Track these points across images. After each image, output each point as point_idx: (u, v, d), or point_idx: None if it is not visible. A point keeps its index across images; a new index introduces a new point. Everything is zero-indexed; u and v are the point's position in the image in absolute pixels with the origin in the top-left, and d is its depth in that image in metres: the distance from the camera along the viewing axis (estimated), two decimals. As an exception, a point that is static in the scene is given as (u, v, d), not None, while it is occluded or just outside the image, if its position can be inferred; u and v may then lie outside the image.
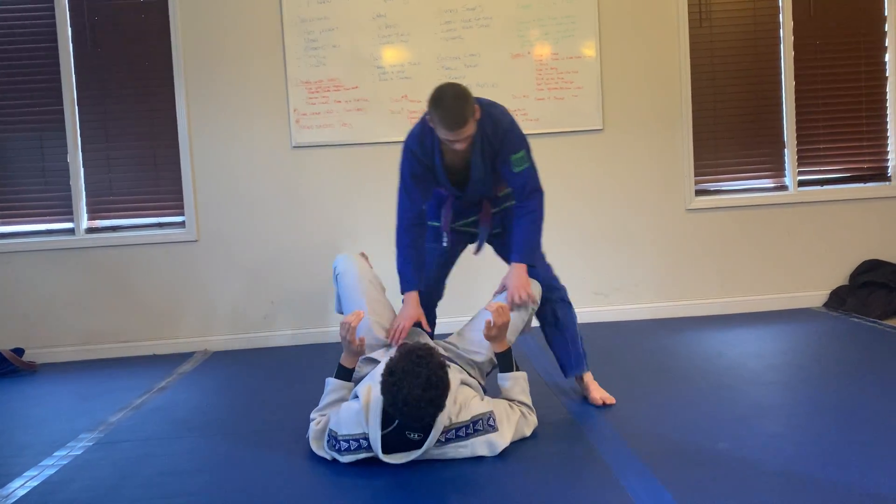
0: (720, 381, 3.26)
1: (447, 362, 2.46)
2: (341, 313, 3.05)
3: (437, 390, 2.26)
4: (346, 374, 2.69)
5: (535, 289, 2.95)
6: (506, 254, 3.10)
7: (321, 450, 2.55)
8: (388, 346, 2.81)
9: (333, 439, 2.46)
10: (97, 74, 4.61)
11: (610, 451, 2.47)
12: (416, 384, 2.23)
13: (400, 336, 2.78)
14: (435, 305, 3.25)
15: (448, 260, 3.18)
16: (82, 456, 2.76)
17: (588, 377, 3.09)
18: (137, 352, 4.62)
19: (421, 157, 2.89)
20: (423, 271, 2.99)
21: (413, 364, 2.26)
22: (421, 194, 2.94)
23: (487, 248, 3.20)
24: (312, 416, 2.69)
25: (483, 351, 2.82)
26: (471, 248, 3.19)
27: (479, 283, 3.99)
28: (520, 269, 2.90)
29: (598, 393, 3.03)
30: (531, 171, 2.91)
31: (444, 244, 3.11)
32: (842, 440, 2.46)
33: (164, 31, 4.58)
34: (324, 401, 2.69)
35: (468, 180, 2.94)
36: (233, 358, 4.38)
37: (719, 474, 2.23)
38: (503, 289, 2.90)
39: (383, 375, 2.31)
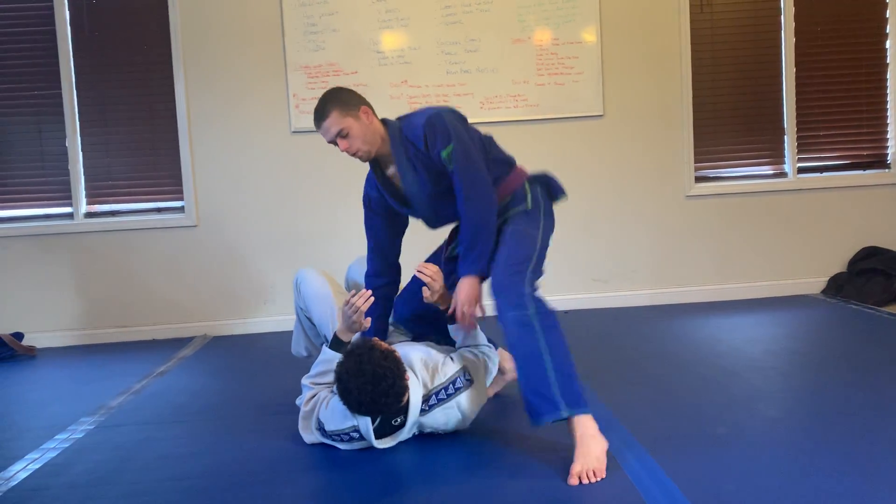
0: (719, 366, 3.27)
1: (393, 346, 2.47)
2: (298, 353, 3.11)
3: (388, 380, 2.24)
4: (340, 346, 2.64)
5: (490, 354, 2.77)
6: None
7: (307, 432, 2.56)
8: None
9: (322, 431, 2.50)
10: (95, 58, 4.58)
11: (610, 436, 2.47)
12: (363, 382, 2.22)
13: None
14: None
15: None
16: (83, 439, 2.77)
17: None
18: (137, 336, 4.62)
19: (370, 194, 2.73)
20: (380, 325, 2.77)
21: (355, 364, 2.25)
22: (378, 242, 2.76)
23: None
24: (305, 382, 2.66)
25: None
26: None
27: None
28: (467, 281, 2.47)
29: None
30: (462, 170, 2.48)
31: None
32: (839, 425, 2.47)
33: (163, 14, 4.56)
34: (316, 368, 2.66)
35: (411, 201, 2.65)
36: (232, 343, 4.39)
37: (718, 458, 2.24)
38: (453, 308, 2.52)
39: (336, 385, 2.30)
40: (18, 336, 4.42)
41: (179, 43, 4.55)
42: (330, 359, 2.66)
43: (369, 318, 2.63)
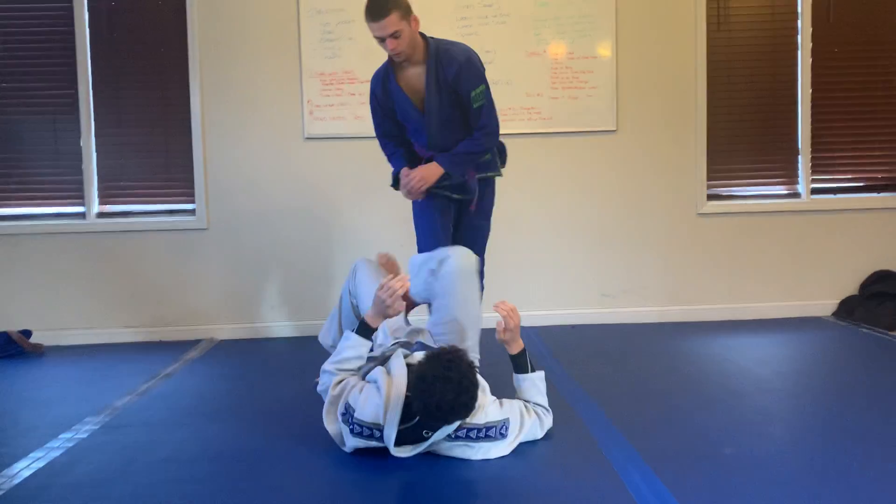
0: (726, 386, 3.24)
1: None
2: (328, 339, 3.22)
3: (469, 393, 2.25)
4: (367, 332, 2.64)
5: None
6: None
7: (331, 417, 2.51)
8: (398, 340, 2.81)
9: (349, 415, 2.43)
10: (112, 60, 4.61)
11: (615, 453, 2.46)
12: (448, 389, 2.20)
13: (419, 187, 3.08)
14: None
15: (450, 212, 3.27)
16: (88, 439, 2.77)
17: None
18: (144, 338, 4.63)
19: (379, 95, 3.08)
20: (406, 157, 3.22)
21: (444, 369, 2.23)
22: (389, 128, 3.20)
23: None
24: (327, 367, 2.63)
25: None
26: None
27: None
28: (434, 166, 3.06)
29: None
30: (487, 109, 3.04)
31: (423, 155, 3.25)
32: (847, 448, 2.45)
33: (181, 18, 4.58)
34: (340, 354, 2.62)
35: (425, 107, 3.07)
36: (239, 347, 4.39)
37: (724, 479, 2.22)
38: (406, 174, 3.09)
39: (415, 380, 2.27)
40: (27, 334, 4.43)
41: (196, 47, 4.57)
42: (354, 345, 2.61)
43: (404, 304, 2.61)
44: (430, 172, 3.08)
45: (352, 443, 2.44)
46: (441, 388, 2.20)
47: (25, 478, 2.40)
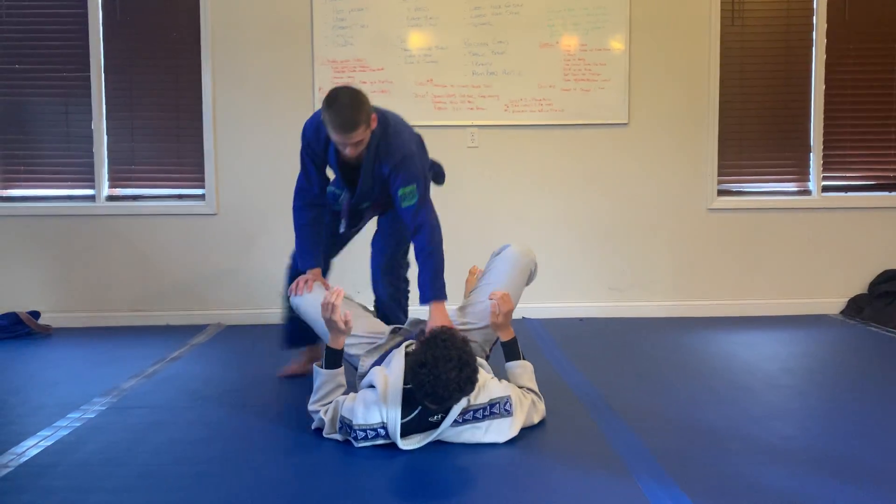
0: (734, 381, 3.24)
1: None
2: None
3: (471, 367, 2.28)
4: (335, 359, 2.57)
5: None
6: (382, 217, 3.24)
7: (334, 434, 2.51)
8: (374, 343, 2.82)
9: (347, 427, 2.43)
10: (125, 43, 4.61)
11: (623, 447, 2.46)
12: (450, 367, 2.23)
13: (298, 289, 2.94)
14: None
15: (339, 237, 3.23)
16: (95, 419, 2.78)
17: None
18: (152, 321, 4.64)
19: (315, 148, 2.92)
20: (322, 249, 3.05)
21: (442, 349, 2.26)
22: (318, 177, 2.99)
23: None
24: (312, 407, 2.59)
25: (485, 320, 2.79)
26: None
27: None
28: (436, 308, 2.79)
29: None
30: (418, 208, 2.80)
31: (342, 230, 3.13)
32: (854, 445, 2.44)
33: (194, 3, 4.58)
34: (318, 393, 2.58)
35: (356, 184, 2.92)
36: (246, 332, 4.40)
37: (732, 473, 2.22)
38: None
39: (415, 367, 2.28)
40: (35, 315, 4.45)
41: (209, 32, 4.57)
42: (328, 379, 2.57)
43: (349, 312, 2.56)
44: (442, 313, 2.79)
45: (359, 445, 2.43)
46: (443, 366, 2.23)
47: (33, 455, 2.41)
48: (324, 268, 3.19)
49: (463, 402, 2.37)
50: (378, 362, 2.65)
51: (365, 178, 2.87)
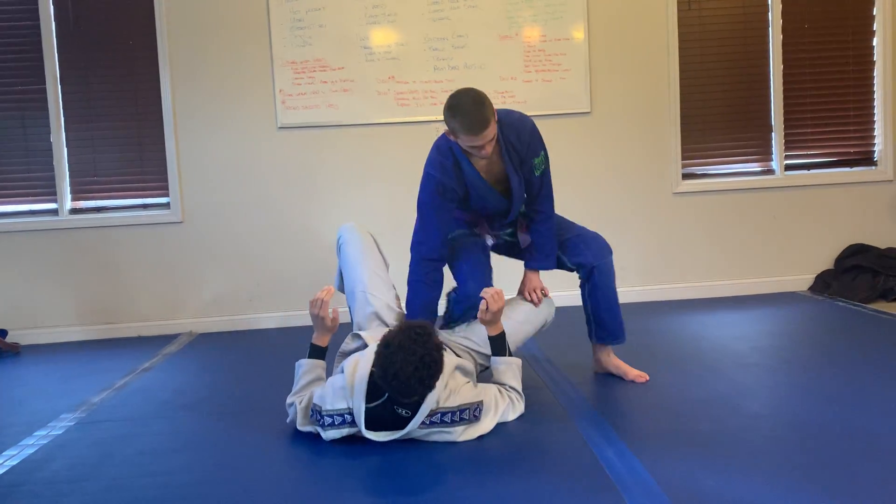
0: (703, 362, 3.27)
1: (445, 346, 2.45)
2: (342, 291, 3.03)
3: (430, 370, 2.25)
4: (319, 354, 2.67)
5: (549, 307, 3.06)
6: (518, 254, 3.16)
7: (307, 426, 2.53)
8: (383, 321, 2.81)
9: (317, 413, 2.44)
10: (80, 53, 4.55)
11: (591, 431, 2.47)
12: (409, 360, 2.21)
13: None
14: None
15: (487, 250, 3.12)
16: (62, 435, 2.75)
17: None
18: (122, 333, 4.60)
19: (445, 183, 2.77)
20: (431, 306, 2.86)
21: (410, 340, 2.24)
22: (439, 225, 2.83)
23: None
24: (290, 400, 2.63)
25: (488, 348, 2.80)
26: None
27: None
28: (535, 274, 3.04)
29: (632, 371, 3.07)
30: (548, 175, 2.94)
31: (490, 242, 3.11)
32: (823, 422, 2.47)
33: (149, 8, 4.53)
34: (298, 384, 2.64)
35: (510, 191, 2.87)
36: (218, 340, 4.37)
37: (700, 455, 2.24)
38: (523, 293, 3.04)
39: (379, 345, 2.29)
40: (2, 333, 4.38)
41: (165, 37, 4.52)
42: (309, 370, 2.63)
43: (336, 310, 2.61)
44: (536, 280, 3.05)
45: (328, 435, 2.44)
46: (402, 358, 2.21)
47: (0, 475, 2.38)
48: (489, 272, 3.05)
49: (431, 404, 2.35)
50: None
51: (511, 174, 2.83)
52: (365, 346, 2.63)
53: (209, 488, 2.19)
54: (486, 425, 2.49)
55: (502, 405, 2.58)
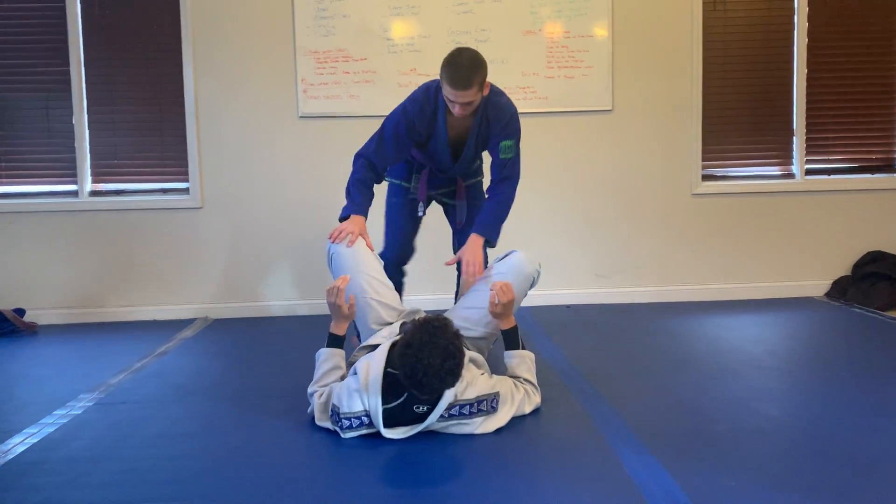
0: (720, 364, 3.26)
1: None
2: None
3: (455, 360, 2.26)
4: (337, 343, 2.68)
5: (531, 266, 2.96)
6: (458, 221, 3.35)
7: (325, 422, 2.53)
8: (389, 323, 2.81)
9: (336, 415, 2.45)
10: (105, 36, 4.57)
11: (610, 431, 2.47)
12: (435, 354, 2.22)
13: (339, 237, 2.92)
14: (407, 263, 3.44)
15: (418, 220, 3.35)
16: (81, 415, 2.77)
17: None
18: (138, 316, 4.62)
19: (415, 122, 2.98)
20: (369, 205, 3.08)
21: (430, 335, 2.25)
22: (391, 154, 3.05)
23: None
24: (311, 390, 2.66)
25: (479, 328, 2.83)
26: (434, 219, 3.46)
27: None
28: (477, 241, 3.03)
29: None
30: (515, 161, 3.10)
31: (421, 214, 3.30)
32: (839, 426, 2.46)
33: (174, -6, 4.54)
34: (318, 372, 2.66)
35: (459, 156, 3.11)
36: (233, 325, 4.39)
37: (718, 455, 2.24)
38: (458, 259, 3.06)
39: (401, 348, 2.28)
40: (20, 312, 4.42)
41: (189, 24, 4.53)
42: (327, 357, 2.66)
43: (353, 297, 2.68)
44: (477, 252, 3.01)
45: (346, 435, 2.44)
46: (428, 353, 2.22)
47: (19, 453, 2.40)
48: (409, 253, 3.39)
49: (450, 397, 2.36)
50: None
51: (469, 145, 3.05)
52: (374, 348, 2.64)
53: (225, 473, 2.21)
54: (503, 416, 2.50)
55: (518, 396, 2.59)
